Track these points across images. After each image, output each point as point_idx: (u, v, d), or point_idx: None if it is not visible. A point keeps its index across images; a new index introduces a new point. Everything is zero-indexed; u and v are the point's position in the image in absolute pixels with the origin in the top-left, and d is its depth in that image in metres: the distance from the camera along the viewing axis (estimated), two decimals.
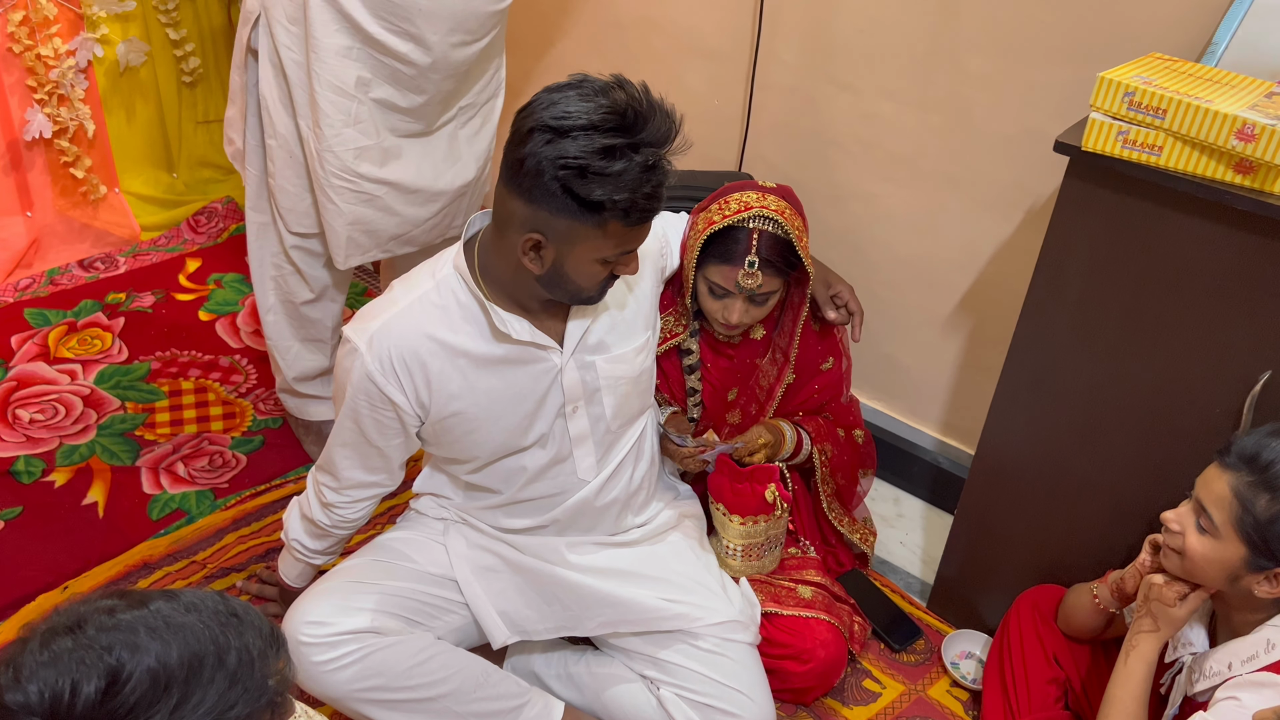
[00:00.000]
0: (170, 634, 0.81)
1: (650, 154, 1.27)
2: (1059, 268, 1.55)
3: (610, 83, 1.29)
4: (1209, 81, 1.40)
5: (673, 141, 1.30)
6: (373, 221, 1.95)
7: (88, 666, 0.77)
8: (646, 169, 1.27)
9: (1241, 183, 1.33)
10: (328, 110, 1.80)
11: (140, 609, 0.83)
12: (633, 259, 1.40)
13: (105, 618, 0.81)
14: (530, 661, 1.74)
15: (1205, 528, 1.33)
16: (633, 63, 2.46)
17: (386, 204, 1.94)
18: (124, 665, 0.78)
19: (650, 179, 1.28)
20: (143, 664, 0.78)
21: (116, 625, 0.80)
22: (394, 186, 1.93)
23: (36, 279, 2.76)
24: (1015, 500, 1.77)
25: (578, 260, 1.34)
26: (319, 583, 1.58)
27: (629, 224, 1.31)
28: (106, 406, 2.35)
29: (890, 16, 1.98)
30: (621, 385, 1.57)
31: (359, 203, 1.91)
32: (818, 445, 1.84)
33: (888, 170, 2.11)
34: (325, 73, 1.77)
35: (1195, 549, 1.35)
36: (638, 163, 1.26)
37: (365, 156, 1.87)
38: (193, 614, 0.84)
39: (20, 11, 2.50)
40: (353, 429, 1.50)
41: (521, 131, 1.28)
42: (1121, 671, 1.43)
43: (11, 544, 1.98)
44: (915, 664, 1.90)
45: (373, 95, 1.83)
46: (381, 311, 1.44)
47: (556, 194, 1.27)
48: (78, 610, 0.82)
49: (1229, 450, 1.32)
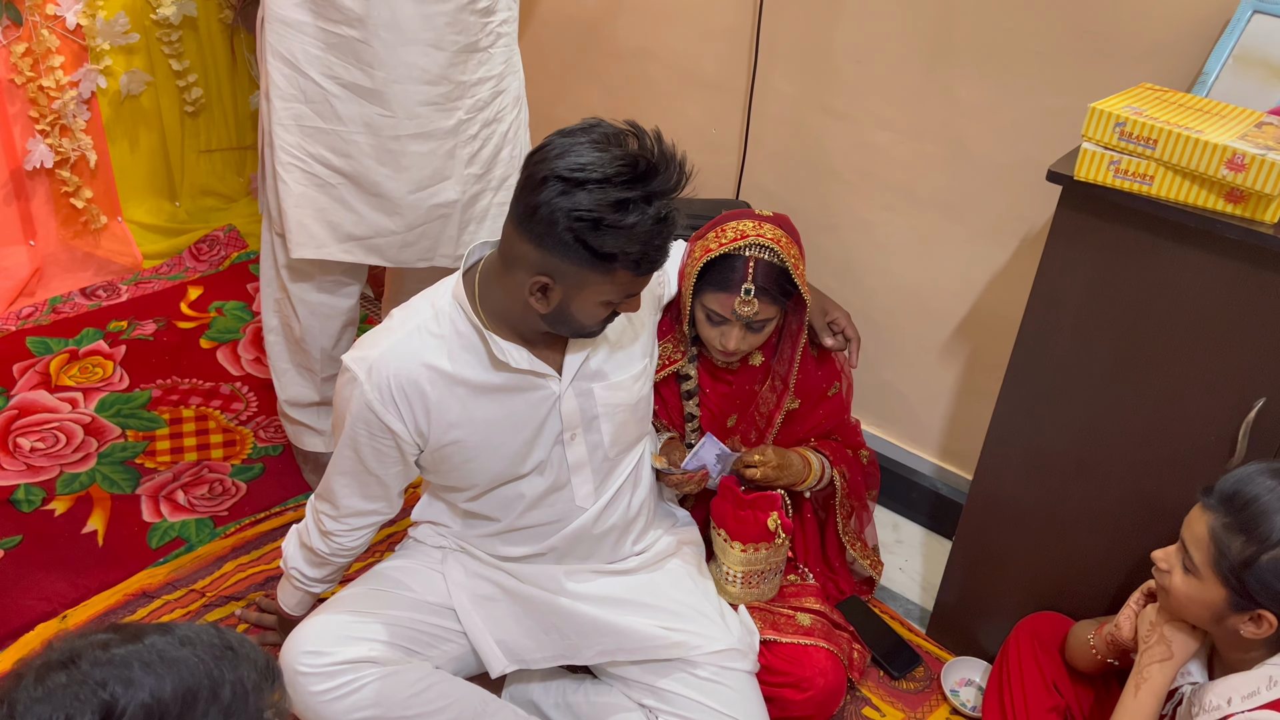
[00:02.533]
0: (164, 668, 0.81)
1: (662, 206, 1.29)
2: (1054, 295, 1.56)
3: (624, 130, 1.31)
4: (1199, 111, 1.42)
5: (682, 189, 1.33)
6: (327, 210, 1.89)
7: (81, 702, 0.77)
8: (658, 221, 1.29)
9: (1232, 212, 1.34)
10: (278, 81, 1.79)
11: (135, 643, 0.83)
12: (637, 299, 1.43)
13: (100, 652, 0.81)
14: (529, 690, 1.74)
15: (1189, 568, 1.34)
16: (631, 93, 2.49)
17: (343, 196, 1.88)
18: (118, 700, 0.78)
19: (661, 231, 1.30)
20: (136, 699, 0.78)
21: (110, 660, 0.80)
22: (352, 180, 1.87)
23: (39, 307, 2.78)
24: (1013, 526, 1.77)
25: (583, 302, 1.37)
26: (317, 611, 1.58)
27: (639, 274, 1.35)
28: (107, 435, 2.36)
29: (886, 47, 2.01)
30: (619, 412, 1.58)
31: (310, 185, 1.86)
32: (836, 469, 1.85)
33: (884, 199, 2.13)
34: (276, 42, 1.76)
35: (1180, 589, 1.35)
36: (650, 215, 1.28)
37: (319, 139, 1.83)
38: (187, 648, 0.84)
39: (23, 44, 2.53)
40: (352, 457, 1.50)
41: (535, 179, 1.29)
42: (1131, 705, 1.41)
43: (11, 572, 1.98)
44: (915, 691, 1.89)
45: (335, 78, 1.78)
46: (381, 340, 1.45)
47: (569, 243, 1.29)
48: (72, 644, 0.82)
49: (1211, 490, 1.32)
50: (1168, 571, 1.37)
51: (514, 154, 2.01)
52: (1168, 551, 1.39)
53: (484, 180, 1.98)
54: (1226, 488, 1.30)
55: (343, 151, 1.84)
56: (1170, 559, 1.38)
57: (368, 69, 1.77)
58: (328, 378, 2.17)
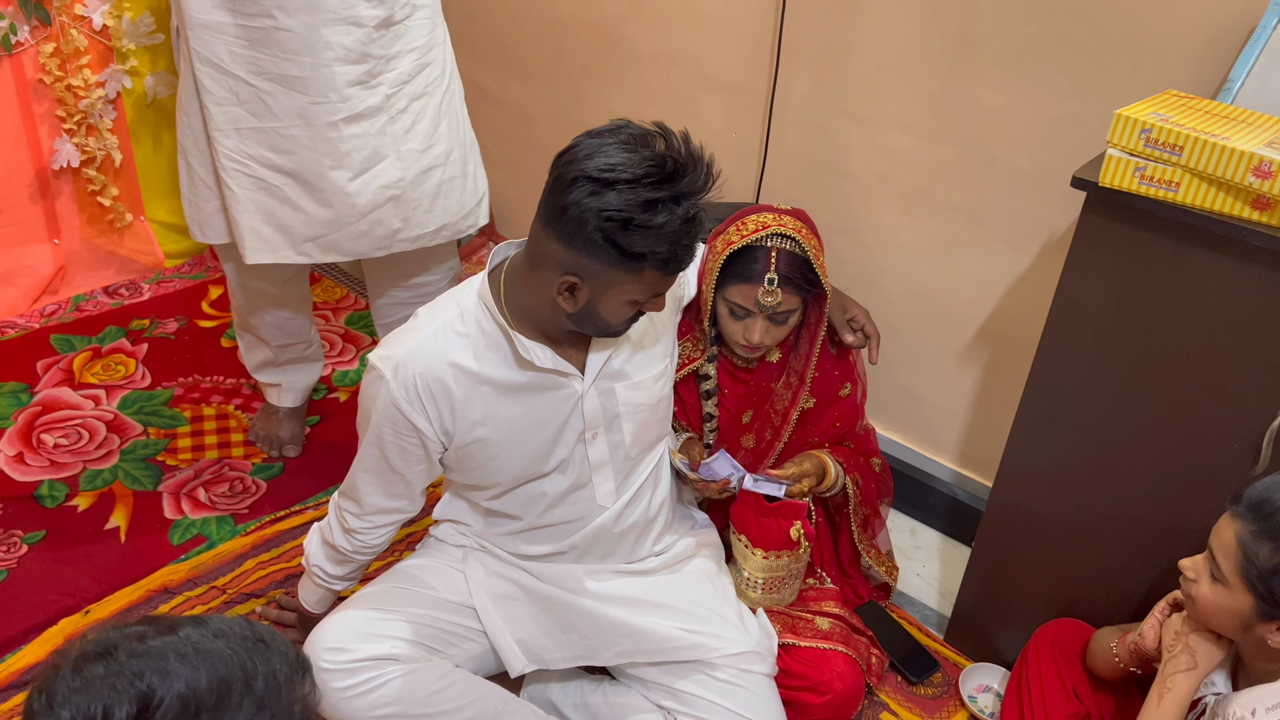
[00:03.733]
0: (199, 660, 0.82)
1: (690, 206, 1.30)
2: (1076, 302, 1.56)
3: (652, 131, 1.32)
4: (1225, 118, 1.42)
5: (709, 189, 1.34)
6: (277, 214, 1.90)
7: (119, 692, 0.78)
8: (687, 220, 1.30)
9: (1258, 219, 1.34)
10: (209, 86, 1.80)
11: (170, 635, 0.84)
12: (662, 299, 1.44)
13: (136, 644, 0.82)
14: (547, 690, 1.74)
15: (1216, 576, 1.33)
16: (651, 96, 2.49)
17: (289, 196, 1.88)
18: (154, 691, 0.79)
19: (690, 230, 1.32)
20: (173, 690, 0.79)
21: (147, 651, 0.81)
22: (296, 178, 1.87)
23: (62, 305, 2.80)
24: (1033, 533, 1.77)
25: (610, 301, 1.38)
26: (338, 609, 1.59)
27: (666, 273, 1.36)
28: (129, 432, 2.37)
29: (907, 51, 2.01)
30: (641, 412, 1.58)
31: (256, 189, 1.87)
32: (850, 475, 1.84)
33: (904, 203, 2.13)
34: (200, 47, 1.78)
35: (1206, 597, 1.34)
36: (679, 215, 1.29)
37: (257, 139, 1.84)
38: (221, 640, 0.85)
39: (51, 43, 2.56)
40: (376, 455, 1.52)
41: (565, 179, 1.30)
42: (1154, 714, 1.40)
43: (35, 567, 2.00)
44: (933, 697, 1.89)
45: (263, 73, 1.79)
46: (407, 339, 1.46)
47: (598, 243, 1.30)
48: (109, 636, 0.84)
49: (1239, 498, 1.32)
50: (1195, 580, 1.37)
51: (453, 128, 2.01)
52: (1195, 560, 1.38)
53: (427, 156, 1.96)
54: (1255, 495, 1.29)
55: (282, 149, 1.85)
56: (1198, 568, 1.37)
57: (294, 57, 1.78)
58: (282, 345, 2.27)
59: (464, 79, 2.95)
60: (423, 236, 2.01)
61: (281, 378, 2.35)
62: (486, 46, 2.85)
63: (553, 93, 2.74)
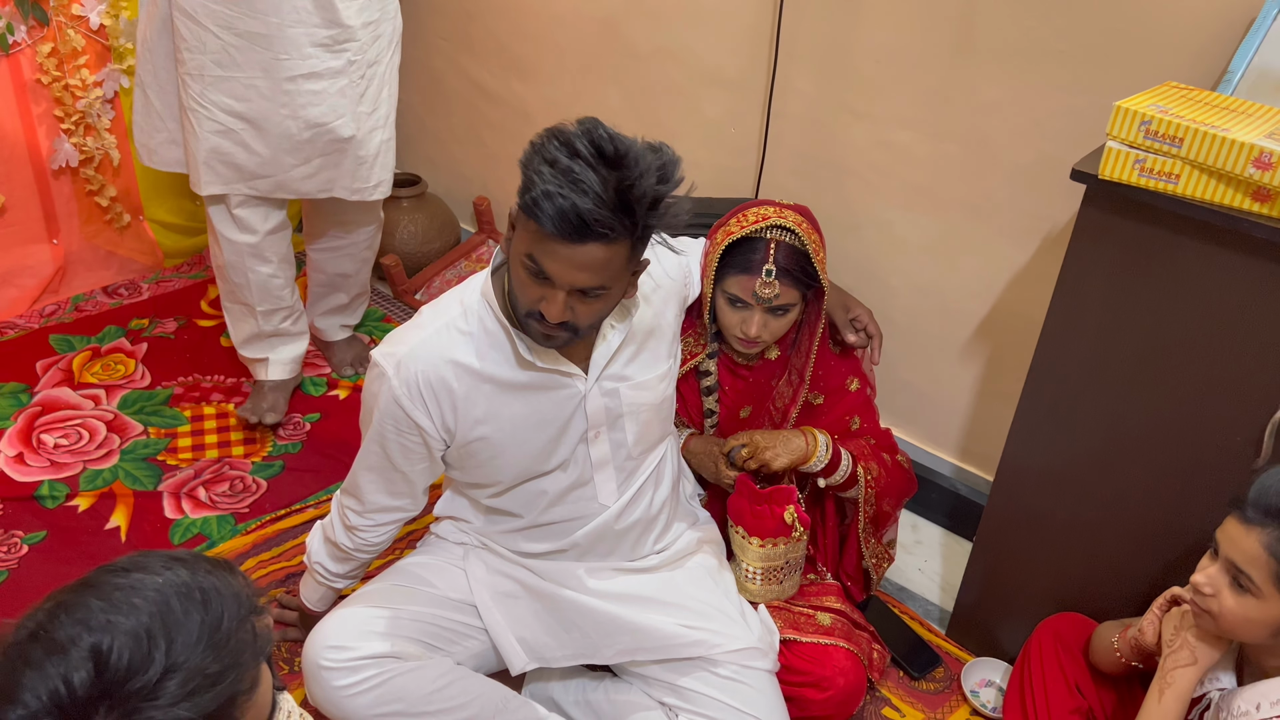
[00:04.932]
0: (128, 600, 0.83)
1: (586, 166, 1.23)
2: (1076, 295, 1.55)
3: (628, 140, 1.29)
4: (1225, 110, 1.41)
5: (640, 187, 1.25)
6: (232, 154, 2.11)
7: (69, 659, 0.79)
8: (570, 174, 1.23)
9: (1259, 210, 1.33)
10: (184, 34, 2.00)
11: (84, 592, 0.85)
12: (553, 300, 1.32)
13: (59, 613, 0.83)
14: (549, 688, 1.74)
15: (1246, 587, 1.28)
16: (650, 93, 2.49)
17: (244, 140, 2.09)
18: (100, 642, 0.80)
19: (567, 180, 1.23)
20: (121, 629, 0.81)
21: (72, 615, 0.82)
22: (253, 124, 2.08)
23: (62, 305, 2.80)
24: (1034, 528, 1.77)
25: (515, 257, 1.34)
26: (339, 607, 1.59)
27: (529, 216, 1.27)
28: (129, 431, 2.37)
29: (906, 46, 2.00)
30: (644, 412, 1.58)
31: (214, 132, 2.08)
32: (862, 464, 1.78)
33: (904, 198, 2.13)
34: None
35: (1234, 610, 1.30)
36: (564, 164, 1.23)
37: (220, 86, 2.03)
38: (141, 573, 0.86)
39: (49, 43, 2.55)
40: (378, 453, 1.51)
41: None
42: (1155, 709, 1.39)
43: (36, 568, 2.00)
44: (935, 692, 1.89)
45: (231, 28, 1.98)
46: (409, 336, 1.46)
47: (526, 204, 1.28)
48: (29, 620, 0.84)
49: (1245, 504, 1.28)
50: (1213, 595, 1.31)
51: (392, 94, 2.26)
52: (1209, 574, 1.32)
53: (374, 118, 2.21)
54: (1270, 501, 1.25)
55: (242, 97, 2.05)
56: (1215, 582, 1.32)
57: (261, 16, 1.98)
58: (266, 312, 2.35)
59: (464, 77, 2.96)
60: (363, 190, 2.27)
61: (268, 351, 2.42)
62: (485, 44, 2.85)
63: (552, 90, 2.74)
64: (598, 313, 1.38)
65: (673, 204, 1.31)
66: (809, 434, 1.76)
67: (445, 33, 2.95)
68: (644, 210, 1.28)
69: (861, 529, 1.86)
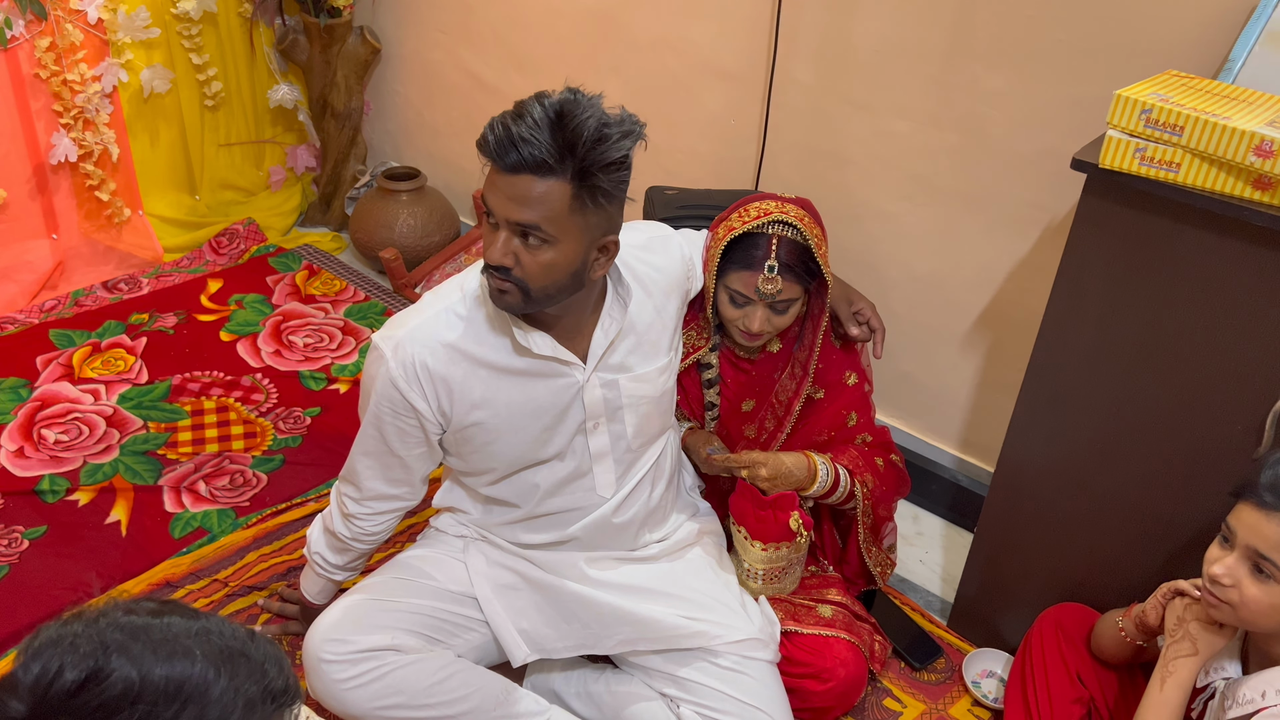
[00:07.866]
0: (166, 652, 0.80)
1: (534, 105, 1.30)
2: (1077, 285, 1.55)
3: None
4: (1226, 98, 1.41)
5: (563, 126, 1.29)
6: None
7: (80, 656, 0.78)
8: (519, 109, 1.30)
9: (1260, 198, 1.33)
10: None
11: (157, 618, 0.83)
12: (496, 239, 1.34)
13: (122, 615, 0.82)
14: (550, 680, 1.74)
15: (1269, 574, 1.26)
16: (650, 85, 2.48)
17: None
18: (105, 667, 0.78)
19: (515, 118, 1.29)
20: (123, 671, 0.78)
21: (125, 626, 0.81)
22: None
23: (61, 300, 2.80)
24: (1035, 518, 1.76)
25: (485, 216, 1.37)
26: (340, 600, 1.59)
27: (481, 151, 1.32)
28: (129, 426, 2.37)
29: (905, 37, 2.00)
30: (644, 404, 1.58)
31: None
32: (858, 478, 1.77)
33: (904, 189, 2.12)
34: None
35: (1258, 599, 1.28)
36: (518, 104, 1.31)
37: None
38: (198, 640, 0.82)
39: (47, 38, 2.55)
40: (375, 437, 1.52)
41: None
42: (1156, 698, 1.39)
43: (36, 562, 2.00)
44: (936, 683, 1.89)
45: None
46: (409, 319, 1.47)
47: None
48: (116, 601, 0.84)
49: (1258, 490, 1.27)
50: (1233, 586, 1.30)
51: None
52: (1226, 564, 1.30)
53: None
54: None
55: None
56: (1234, 571, 1.30)
57: None
58: None
59: (463, 70, 2.95)
60: None
61: None
62: (485, 37, 2.84)
63: (552, 82, 2.69)
64: (546, 269, 1.34)
65: (618, 154, 1.31)
66: (811, 463, 1.74)
67: (444, 25, 2.94)
68: (584, 148, 1.28)
69: (862, 540, 1.84)
